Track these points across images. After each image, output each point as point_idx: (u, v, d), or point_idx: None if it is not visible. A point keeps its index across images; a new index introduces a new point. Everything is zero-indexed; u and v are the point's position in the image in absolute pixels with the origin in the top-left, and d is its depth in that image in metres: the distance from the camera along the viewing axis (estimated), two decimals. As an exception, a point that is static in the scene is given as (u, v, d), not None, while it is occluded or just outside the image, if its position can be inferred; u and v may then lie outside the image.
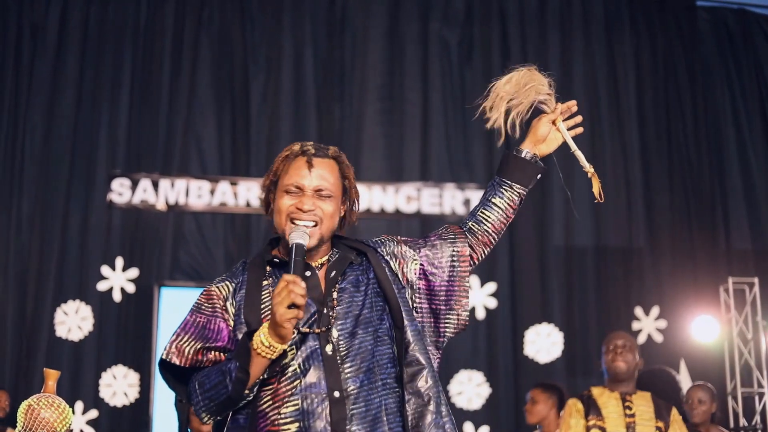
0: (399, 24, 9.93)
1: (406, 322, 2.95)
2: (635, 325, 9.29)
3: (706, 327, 8.85)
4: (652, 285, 9.48)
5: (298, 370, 2.85)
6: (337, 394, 2.82)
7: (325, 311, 2.93)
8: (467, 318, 3.12)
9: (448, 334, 3.09)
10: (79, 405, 8.72)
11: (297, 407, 2.82)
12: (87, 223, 9.18)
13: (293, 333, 2.82)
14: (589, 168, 3.34)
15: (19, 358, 8.89)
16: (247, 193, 9.29)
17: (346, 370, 2.85)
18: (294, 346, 2.87)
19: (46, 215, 9.16)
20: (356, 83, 9.78)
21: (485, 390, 9.15)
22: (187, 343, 2.92)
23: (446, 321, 3.08)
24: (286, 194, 3.05)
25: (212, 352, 2.90)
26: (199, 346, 2.91)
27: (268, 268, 3.05)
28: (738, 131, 10.10)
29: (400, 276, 3.08)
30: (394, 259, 3.10)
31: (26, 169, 9.25)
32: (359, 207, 3.20)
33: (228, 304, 2.99)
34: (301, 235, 2.92)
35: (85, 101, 9.44)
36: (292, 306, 2.72)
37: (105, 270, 9.00)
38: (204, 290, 3.06)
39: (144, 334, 8.92)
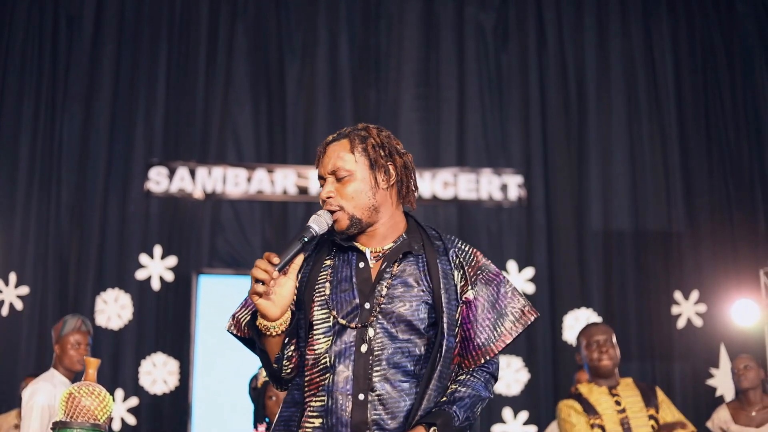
0: (434, 9, 9.90)
1: (445, 338, 2.85)
2: (675, 310, 9.23)
3: (746, 311, 8.78)
4: (692, 269, 9.41)
5: (328, 364, 2.83)
6: (361, 396, 2.79)
7: (367, 306, 2.87)
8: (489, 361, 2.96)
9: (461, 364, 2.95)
10: (119, 393, 8.77)
11: (323, 403, 2.82)
12: (125, 212, 9.24)
13: (284, 314, 2.84)
14: None
15: (59, 346, 8.95)
16: (284, 180, 9.31)
17: (376, 373, 2.82)
18: (330, 338, 2.86)
19: (84, 205, 9.22)
20: (392, 69, 9.78)
21: (524, 375, 9.13)
22: (243, 316, 2.98)
23: (465, 355, 2.94)
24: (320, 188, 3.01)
25: None
26: (251, 320, 2.93)
27: (334, 249, 3.01)
28: (778, 113, 10.01)
29: (458, 289, 2.94)
30: (460, 270, 2.96)
31: (64, 159, 9.31)
32: (409, 171, 3.05)
33: (297, 275, 2.94)
34: (316, 219, 2.91)
35: (121, 91, 9.49)
36: (257, 281, 2.73)
37: (143, 258, 9.05)
38: None
39: (183, 322, 8.97)
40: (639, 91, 9.84)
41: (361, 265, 2.93)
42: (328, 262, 2.97)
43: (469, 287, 2.94)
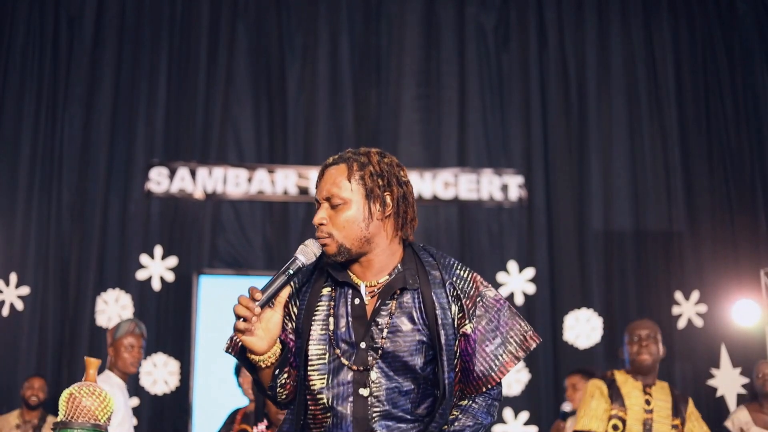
0: (435, 9, 9.90)
1: (445, 375, 2.81)
2: (675, 310, 9.23)
3: (747, 311, 8.77)
4: (692, 269, 9.41)
5: (327, 404, 2.81)
6: None
7: (363, 346, 2.82)
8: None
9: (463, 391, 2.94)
10: (120, 393, 8.76)
11: None
12: (126, 212, 9.24)
13: (274, 348, 2.79)
14: None
15: (61, 346, 8.96)
16: (285, 180, 9.31)
17: (375, 413, 2.79)
18: (325, 375, 2.83)
19: (85, 205, 9.22)
20: (393, 69, 9.77)
21: (524, 376, 9.13)
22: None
23: (467, 384, 2.92)
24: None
25: None
26: (241, 352, 2.88)
27: (331, 279, 2.94)
28: (778, 113, 10.01)
29: (456, 322, 2.87)
30: (457, 302, 2.88)
31: (65, 160, 9.31)
32: (408, 203, 2.95)
33: (290, 303, 2.92)
34: (303, 249, 2.82)
35: (122, 91, 9.49)
36: (238, 317, 2.69)
37: (144, 259, 9.05)
38: None
39: (183, 322, 8.97)
40: (639, 91, 9.84)
41: (357, 301, 2.86)
42: (325, 291, 2.90)
43: (467, 321, 2.87)
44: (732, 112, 9.82)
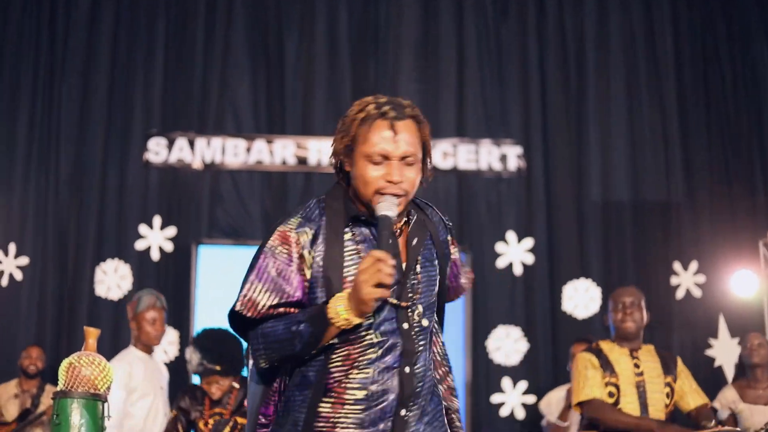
0: (433, -21, 9.87)
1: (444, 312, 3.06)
2: (674, 280, 9.24)
3: (745, 282, 8.79)
4: (691, 239, 9.41)
5: (375, 340, 2.79)
6: (407, 369, 2.79)
7: (408, 283, 2.85)
8: None
9: None
10: (119, 363, 8.78)
11: (368, 376, 2.78)
12: (124, 182, 9.24)
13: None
14: None
15: (60, 316, 8.98)
16: (283, 150, 9.29)
17: (418, 347, 2.83)
18: (372, 315, 2.78)
19: (83, 176, 9.22)
20: (391, 40, 9.73)
21: (523, 345, 9.14)
22: (260, 295, 2.78)
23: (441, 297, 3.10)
24: (370, 164, 2.79)
25: (284, 307, 2.79)
26: (273, 302, 2.78)
27: (349, 224, 2.87)
28: (777, 83, 9.98)
29: (448, 250, 3.04)
30: (449, 234, 3.06)
31: (63, 131, 9.30)
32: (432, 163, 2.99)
33: (305, 252, 2.80)
34: (389, 206, 2.76)
35: (120, 62, 9.46)
36: (380, 285, 2.64)
37: (143, 229, 9.05)
38: (278, 232, 2.84)
39: (182, 292, 8.97)
40: (638, 63, 9.81)
41: (390, 241, 2.79)
42: (347, 237, 2.83)
43: (455, 247, 3.08)
44: (730, 84, 9.80)
